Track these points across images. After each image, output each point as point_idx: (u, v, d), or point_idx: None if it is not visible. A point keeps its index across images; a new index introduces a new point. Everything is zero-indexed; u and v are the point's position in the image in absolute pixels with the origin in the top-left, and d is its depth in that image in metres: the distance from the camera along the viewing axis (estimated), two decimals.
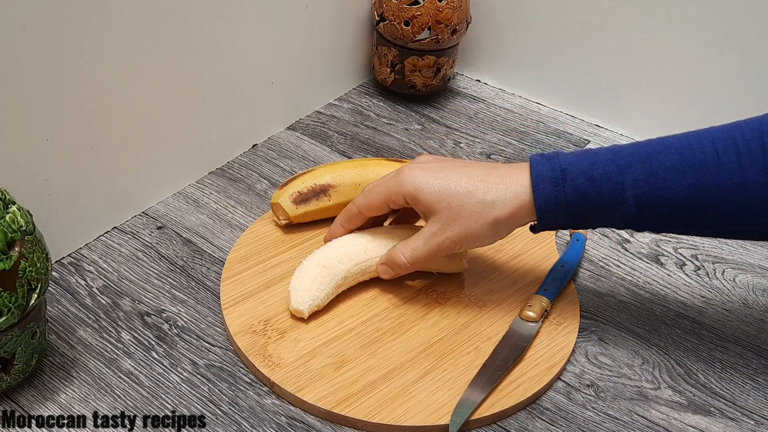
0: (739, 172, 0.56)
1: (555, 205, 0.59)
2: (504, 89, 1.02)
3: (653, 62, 0.89)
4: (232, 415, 0.59)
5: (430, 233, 0.63)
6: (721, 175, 0.56)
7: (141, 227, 0.75)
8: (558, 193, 0.59)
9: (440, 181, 0.61)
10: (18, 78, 0.60)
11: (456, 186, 0.61)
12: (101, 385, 0.60)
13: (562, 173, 0.59)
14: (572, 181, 0.59)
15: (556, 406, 0.61)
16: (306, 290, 0.64)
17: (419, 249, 0.63)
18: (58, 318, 0.65)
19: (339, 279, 0.65)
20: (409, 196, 0.62)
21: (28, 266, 0.53)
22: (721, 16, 0.83)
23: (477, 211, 0.60)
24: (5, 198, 0.53)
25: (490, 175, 0.61)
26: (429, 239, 0.63)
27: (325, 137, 0.90)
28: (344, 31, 0.94)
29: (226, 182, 0.82)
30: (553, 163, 0.60)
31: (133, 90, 0.70)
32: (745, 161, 0.55)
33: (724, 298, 0.72)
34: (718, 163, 0.56)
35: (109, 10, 0.64)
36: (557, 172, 0.59)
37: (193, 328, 0.65)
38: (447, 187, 0.61)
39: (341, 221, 0.68)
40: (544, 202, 0.59)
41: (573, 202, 0.59)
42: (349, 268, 0.65)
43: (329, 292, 0.65)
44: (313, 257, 0.66)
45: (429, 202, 0.62)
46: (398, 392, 0.60)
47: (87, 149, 0.68)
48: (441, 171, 0.62)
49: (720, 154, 0.56)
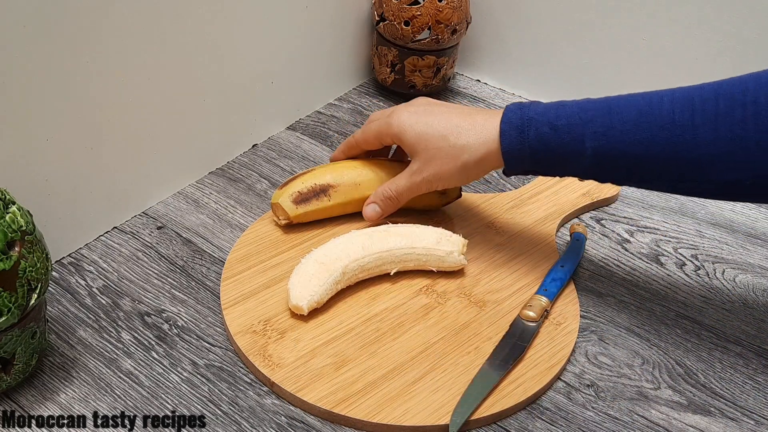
0: (691, 129, 0.58)
1: (519, 151, 0.64)
2: (504, 89, 1.02)
3: (653, 62, 0.89)
4: (232, 415, 0.59)
5: (410, 171, 0.69)
6: (673, 131, 0.58)
7: (141, 227, 0.75)
8: (523, 140, 0.63)
9: (421, 125, 0.68)
10: (18, 78, 0.60)
11: (433, 130, 0.67)
12: (101, 385, 0.60)
13: (528, 122, 0.63)
14: (536, 130, 0.63)
15: (556, 406, 0.61)
16: (305, 287, 0.64)
17: (402, 185, 0.70)
18: (58, 318, 0.65)
19: (337, 275, 0.65)
20: (395, 137, 0.69)
21: (28, 266, 0.53)
22: (721, 16, 0.83)
23: (450, 154, 0.66)
24: (5, 198, 0.53)
25: (464, 121, 0.67)
26: (409, 177, 0.70)
27: (325, 137, 0.90)
28: (344, 31, 0.94)
29: (226, 182, 0.82)
30: (523, 111, 0.64)
31: (133, 90, 0.70)
32: (699, 119, 0.57)
33: (724, 298, 0.72)
34: (672, 120, 0.58)
35: (109, 10, 0.64)
36: (524, 120, 0.64)
37: (193, 328, 0.65)
38: (425, 131, 0.67)
39: (342, 148, 0.76)
40: (509, 147, 0.64)
41: (536, 150, 0.63)
42: (347, 264, 0.65)
43: (328, 289, 0.65)
44: (312, 255, 0.66)
45: (410, 144, 0.68)
46: (398, 392, 0.60)
47: (87, 149, 0.68)
48: (424, 115, 0.68)
49: (676, 111, 0.58)
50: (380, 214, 0.72)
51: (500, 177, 0.86)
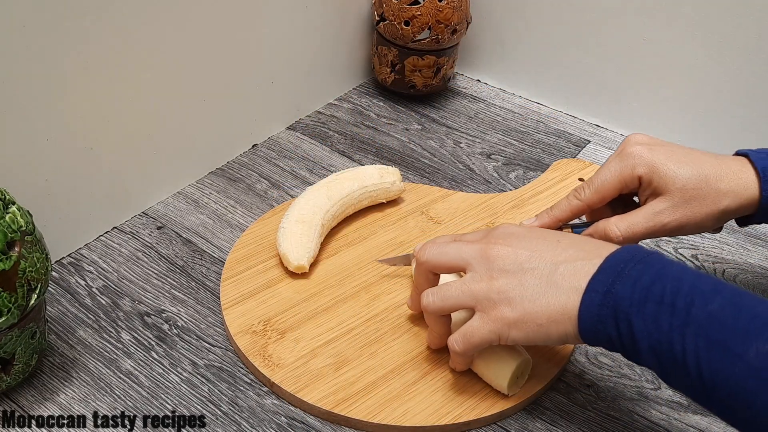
0: None
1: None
2: (504, 89, 1.02)
3: (653, 62, 0.89)
4: (232, 415, 0.59)
5: (655, 211, 0.61)
6: None
7: (141, 227, 0.75)
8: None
9: (674, 163, 0.61)
10: (18, 78, 0.60)
11: (691, 170, 0.60)
12: (101, 385, 0.60)
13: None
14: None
15: (556, 406, 0.61)
16: (299, 246, 0.68)
17: (638, 224, 0.61)
18: (58, 318, 0.65)
19: (319, 228, 0.70)
20: (646, 176, 0.61)
21: (27, 266, 0.53)
22: (721, 17, 0.83)
23: (710, 197, 0.60)
24: (5, 198, 0.53)
25: (720, 164, 0.61)
26: (652, 217, 0.61)
27: (325, 137, 0.90)
28: (344, 31, 0.94)
29: (226, 182, 0.82)
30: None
31: (133, 90, 0.70)
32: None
33: None
34: None
35: (109, 10, 0.64)
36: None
37: (193, 328, 0.65)
38: (682, 170, 0.60)
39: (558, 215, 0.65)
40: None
41: None
42: (323, 216, 0.71)
43: (317, 242, 0.70)
44: (289, 218, 0.70)
45: (663, 182, 0.60)
46: (398, 392, 0.60)
47: (87, 149, 0.68)
48: (672, 153, 0.62)
49: None
50: None
51: (500, 177, 0.86)
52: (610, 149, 0.92)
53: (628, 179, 0.62)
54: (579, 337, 0.52)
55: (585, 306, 0.51)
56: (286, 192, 0.81)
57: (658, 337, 0.48)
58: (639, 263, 0.51)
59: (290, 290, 0.68)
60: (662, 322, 0.48)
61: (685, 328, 0.47)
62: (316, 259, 0.70)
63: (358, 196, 0.75)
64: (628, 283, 0.50)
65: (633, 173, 0.61)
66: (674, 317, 0.47)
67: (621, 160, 0.62)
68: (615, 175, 0.62)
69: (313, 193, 0.72)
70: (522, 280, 0.54)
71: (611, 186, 0.63)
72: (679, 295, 0.48)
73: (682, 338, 0.47)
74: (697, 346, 0.46)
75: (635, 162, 0.61)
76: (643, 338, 0.48)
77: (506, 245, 0.56)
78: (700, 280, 0.49)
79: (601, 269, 0.51)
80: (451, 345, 0.57)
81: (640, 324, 0.48)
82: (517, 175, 0.86)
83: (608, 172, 0.63)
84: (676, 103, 0.90)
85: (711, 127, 0.88)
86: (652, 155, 0.61)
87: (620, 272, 0.50)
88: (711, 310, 0.47)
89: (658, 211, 0.61)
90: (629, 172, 0.62)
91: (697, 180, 0.60)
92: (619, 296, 0.50)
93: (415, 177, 0.85)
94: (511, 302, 0.54)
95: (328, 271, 0.70)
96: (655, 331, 0.48)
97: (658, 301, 0.48)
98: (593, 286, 0.51)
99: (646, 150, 0.62)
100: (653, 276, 0.50)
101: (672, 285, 0.49)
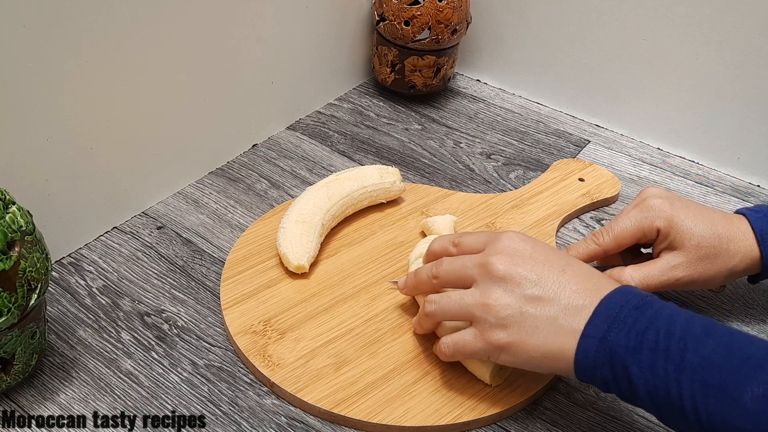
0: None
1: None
2: (504, 89, 1.02)
3: (653, 62, 0.89)
4: (232, 415, 0.59)
5: (670, 265, 0.63)
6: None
7: (141, 227, 0.75)
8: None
9: (691, 220, 0.63)
10: (18, 78, 0.60)
11: (706, 228, 0.63)
12: (101, 385, 0.60)
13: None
14: None
15: (556, 406, 0.61)
16: (299, 246, 0.68)
17: (653, 277, 0.63)
18: (58, 318, 0.65)
19: (319, 228, 0.70)
20: (664, 229, 0.63)
21: (28, 266, 0.53)
22: (721, 16, 0.83)
23: (722, 257, 0.62)
24: (5, 198, 0.53)
25: (729, 224, 0.63)
26: (667, 270, 0.63)
27: (325, 137, 0.90)
28: (344, 31, 0.94)
29: (226, 182, 0.82)
30: None
31: (133, 90, 0.70)
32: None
33: (725, 298, 0.72)
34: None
35: (109, 9, 0.64)
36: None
37: (193, 328, 0.65)
38: (698, 227, 0.63)
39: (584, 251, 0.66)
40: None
41: None
42: (323, 216, 0.71)
43: (317, 242, 0.70)
44: (289, 218, 0.70)
45: (680, 237, 0.63)
46: (398, 393, 0.60)
47: (87, 149, 0.68)
48: (689, 210, 0.64)
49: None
50: None
51: (500, 177, 0.86)
52: (610, 149, 0.92)
53: (647, 230, 0.64)
54: (572, 375, 0.53)
55: (581, 350, 0.52)
56: (286, 192, 0.81)
57: (655, 383, 0.48)
58: (633, 309, 0.51)
59: (290, 290, 0.68)
60: (658, 368, 0.48)
61: (680, 374, 0.48)
62: (316, 259, 0.70)
63: (358, 196, 0.75)
64: (623, 330, 0.50)
65: (652, 225, 0.64)
66: (669, 362, 0.48)
67: (641, 212, 0.64)
68: (635, 224, 0.64)
69: (313, 193, 0.72)
70: (523, 309, 0.54)
71: (630, 235, 0.65)
72: (673, 339, 0.49)
73: (678, 384, 0.48)
74: (694, 391, 0.47)
75: (655, 215, 0.64)
76: (640, 384, 0.49)
77: (512, 264, 0.55)
78: (691, 322, 0.50)
79: (596, 313, 0.52)
80: (442, 347, 0.58)
81: (637, 371, 0.49)
82: (517, 175, 0.86)
83: (628, 221, 0.65)
84: (676, 103, 0.90)
85: (711, 127, 0.88)
86: (672, 210, 0.63)
87: (615, 318, 0.51)
88: (704, 354, 0.48)
89: (673, 265, 0.63)
90: (649, 223, 0.64)
91: (711, 238, 0.62)
92: (615, 344, 0.50)
93: (415, 177, 0.85)
94: (507, 329, 0.54)
95: (328, 271, 0.70)
96: (651, 378, 0.49)
97: (653, 347, 0.49)
98: (589, 331, 0.52)
99: (667, 204, 0.64)
100: (647, 321, 0.50)
101: (665, 329, 0.49)
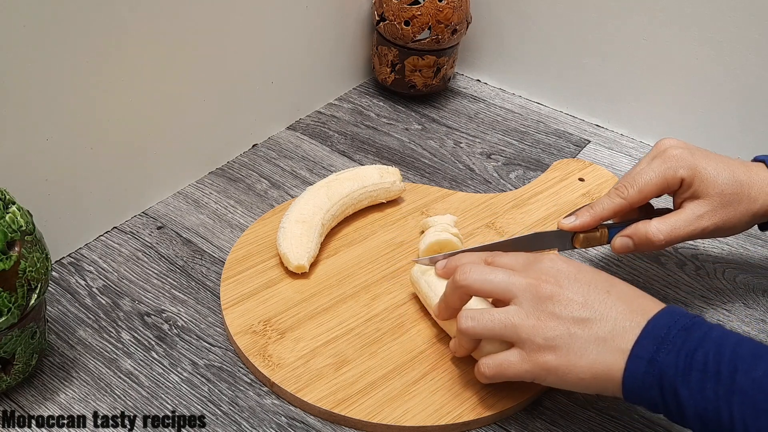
0: None
1: None
2: (504, 89, 1.02)
3: (653, 62, 0.89)
4: (232, 415, 0.59)
5: (696, 215, 0.63)
6: None
7: (141, 227, 0.75)
8: None
9: (713, 168, 0.63)
10: (18, 78, 0.60)
11: (728, 175, 0.62)
12: (101, 385, 0.60)
13: None
14: None
15: (556, 406, 0.61)
16: (299, 246, 0.68)
17: (680, 228, 0.63)
18: (58, 318, 0.65)
19: (319, 228, 0.70)
20: (688, 178, 0.63)
21: (28, 266, 0.53)
22: (721, 16, 0.83)
23: (744, 202, 0.62)
24: (5, 198, 0.53)
25: (749, 170, 0.63)
26: (693, 220, 0.63)
27: (325, 137, 0.90)
28: (344, 31, 0.94)
29: (226, 182, 0.82)
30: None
31: (133, 90, 0.70)
32: None
33: (724, 298, 0.72)
34: None
35: (109, 9, 0.64)
36: None
37: (193, 328, 0.65)
38: (721, 174, 0.62)
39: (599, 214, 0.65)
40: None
41: None
42: (323, 216, 0.71)
43: (317, 242, 0.70)
44: (289, 218, 0.70)
45: (703, 186, 0.62)
46: (398, 392, 0.60)
47: (87, 149, 0.68)
48: (709, 158, 0.63)
49: None
50: (629, 249, 0.65)
51: (500, 177, 0.86)
52: (610, 149, 0.92)
53: (671, 180, 0.63)
54: (620, 395, 0.52)
55: (630, 371, 0.51)
56: (286, 192, 0.81)
57: (705, 405, 0.48)
58: (681, 330, 0.50)
59: (290, 290, 0.68)
60: (708, 391, 0.48)
61: (731, 397, 0.47)
62: (316, 259, 0.70)
63: (358, 196, 0.75)
64: (673, 351, 0.50)
65: (676, 175, 0.63)
66: (719, 385, 0.47)
67: (663, 162, 0.63)
68: (659, 175, 0.63)
69: (313, 193, 0.73)
70: (571, 331, 0.53)
71: (654, 186, 0.64)
72: (723, 361, 0.48)
73: (729, 407, 0.47)
74: (745, 415, 0.46)
75: (678, 164, 0.63)
76: (689, 406, 0.48)
77: (557, 285, 0.55)
78: (741, 344, 0.49)
79: (644, 333, 0.51)
80: (482, 368, 0.57)
81: (686, 393, 0.48)
82: (517, 175, 0.86)
83: (651, 172, 0.64)
84: (676, 103, 0.90)
85: (711, 127, 0.88)
86: (694, 159, 0.63)
87: (663, 339, 0.50)
88: (755, 376, 0.47)
89: (699, 214, 0.63)
90: (672, 173, 0.63)
91: (733, 185, 0.62)
92: (664, 365, 0.49)
93: (415, 177, 0.85)
94: (556, 351, 0.53)
95: (328, 271, 0.70)
96: (701, 400, 0.48)
97: (702, 369, 0.48)
98: (637, 351, 0.51)
99: (688, 153, 0.63)
100: (696, 343, 0.49)
101: (714, 351, 0.49)
